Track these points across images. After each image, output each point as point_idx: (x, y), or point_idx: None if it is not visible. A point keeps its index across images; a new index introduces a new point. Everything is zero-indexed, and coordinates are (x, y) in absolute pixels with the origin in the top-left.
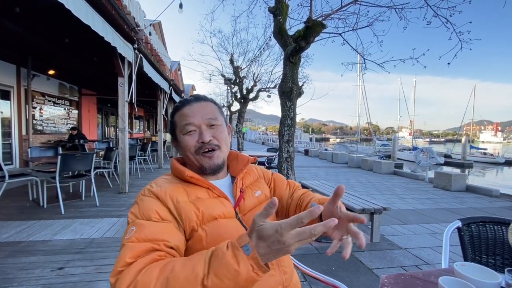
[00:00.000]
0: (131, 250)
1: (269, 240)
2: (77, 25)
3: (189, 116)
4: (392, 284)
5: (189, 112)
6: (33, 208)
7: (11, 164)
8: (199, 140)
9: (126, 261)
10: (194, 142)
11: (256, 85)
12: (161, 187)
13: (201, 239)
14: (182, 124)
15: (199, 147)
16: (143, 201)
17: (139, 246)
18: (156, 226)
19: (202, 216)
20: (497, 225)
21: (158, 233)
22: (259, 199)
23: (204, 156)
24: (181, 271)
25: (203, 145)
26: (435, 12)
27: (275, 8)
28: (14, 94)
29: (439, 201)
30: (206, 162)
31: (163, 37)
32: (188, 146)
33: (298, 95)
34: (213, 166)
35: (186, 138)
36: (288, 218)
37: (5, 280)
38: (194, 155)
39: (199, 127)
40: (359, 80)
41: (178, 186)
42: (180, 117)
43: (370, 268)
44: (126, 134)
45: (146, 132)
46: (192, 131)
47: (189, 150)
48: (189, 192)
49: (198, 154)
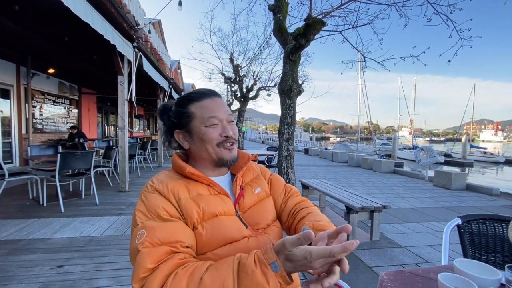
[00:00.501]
0: (149, 256)
1: (297, 264)
2: (76, 23)
3: (213, 109)
4: (391, 280)
5: (212, 105)
6: (33, 207)
7: (11, 163)
8: (223, 134)
9: (148, 267)
10: (217, 135)
11: (256, 83)
12: (162, 183)
13: (201, 235)
14: (206, 116)
15: (222, 141)
16: (148, 199)
17: (156, 250)
18: (167, 226)
19: (202, 213)
20: (497, 222)
21: (171, 235)
22: (259, 196)
23: (225, 148)
24: (211, 284)
25: (227, 139)
26: (436, 10)
27: (275, 6)
28: (14, 93)
29: (439, 200)
30: (227, 154)
31: (163, 35)
32: (212, 138)
33: (298, 93)
34: (233, 158)
35: (210, 130)
36: (320, 248)
37: (5, 278)
38: (215, 147)
39: (221, 121)
40: (359, 79)
41: (179, 182)
42: (201, 109)
43: (370, 266)
44: (126, 133)
45: (146, 131)
46: (215, 124)
47: (211, 142)
48: (190, 188)
49: (219, 147)
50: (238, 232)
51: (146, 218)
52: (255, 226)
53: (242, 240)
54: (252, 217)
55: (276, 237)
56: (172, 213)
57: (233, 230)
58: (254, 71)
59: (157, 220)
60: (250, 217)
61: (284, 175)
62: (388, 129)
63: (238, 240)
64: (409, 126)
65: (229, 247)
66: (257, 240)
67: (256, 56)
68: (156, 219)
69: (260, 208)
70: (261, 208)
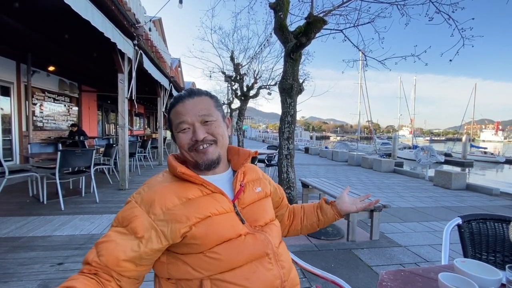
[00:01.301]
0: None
1: None
2: (76, 21)
3: (181, 114)
4: (391, 280)
5: (182, 109)
6: (33, 204)
7: (11, 160)
8: (193, 138)
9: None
10: (188, 140)
11: (256, 82)
12: (150, 192)
13: (194, 237)
14: (176, 122)
15: (193, 145)
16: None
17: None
18: (114, 238)
19: (193, 219)
20: (497, 222)
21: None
22: (259, 195)
23: (199, 152)
24: None
25: (197, 143)
26: (437, 8)
27: (276, 4)
28: (14, 91)
29: (439, 199)
30: (200, 158)
31: (163, 33)
32: (182, 143)
33: (298, 92)
34: (207, 162)
35: (180, 135)
36: None
37: (5, 275)
38: (188, 152)
39: (192, 124)
40: (360, 78)
41: (169, 189)
42: (174, 115)
43: (369, 265)
44: (126, 131)
45: (146, 129)
46: (186, 128)
47: (183, 147)
48: (180, 194)
49: (191, 151)
50: (233, 230)
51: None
52: (253, 223)
53: (239, 238)
54: (251, 213)
55: (274, 236)
56: (141, 229)
57: (227, 229)
58: (255, 70)
59: (118, 229)
60: (248, 214)
61: (284, 174)
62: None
63: (234, 237)
64: (409, 126)
65: (225, 245)
66: (254, 238)
67: (256, 54)
68: (119, 228)
69: (259, 206)
70: (260, 207)
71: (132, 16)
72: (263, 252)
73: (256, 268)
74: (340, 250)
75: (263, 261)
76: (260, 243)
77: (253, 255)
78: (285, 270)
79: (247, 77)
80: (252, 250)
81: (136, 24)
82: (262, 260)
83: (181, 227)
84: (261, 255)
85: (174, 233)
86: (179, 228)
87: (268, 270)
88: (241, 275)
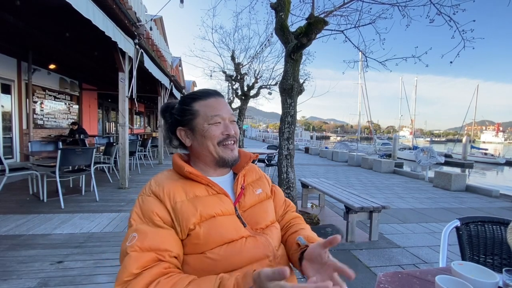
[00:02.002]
0: (136, 260)
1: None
2: (77, 19)
3: (217, 108)
4: (389, 282)
5: (216, 104)
6: (33, 202)
7: (11, 158)
8: (225, 132)
9: (133, 272)
10: (219, 133)
11: (257, 82)
12: (159, 186)
13: (198, 236)
14: (210, 114)
15: (223, 139)
16: (144, 202)
17: (144, 256)
18: (159, 233)
19: (199, 215)
20: (496, 225)
21: (161, 242)
22: (260, 197)
23: (227, 147)
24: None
25: (228, 137)
26: (439, 10)
27: (277, 4)
28: (14, 88)
29: (438, 201)
30: (229, 154)
31: (164, 32)
32: (214, 135)
33: (299, 92)
34: (234, 158)
35: (213, 128)
36: (295, 286)
37: (5, 272)
38: (216, 146)
39: (224, 120)
40: (360, 78)
41: (176, 184)
42: (206, 107)
43: (368, 266)
44: (126, 130)
45: (146, 128)
46: (218, 122)
47: (212, 139)
48: (187, 190)
49: (220, 146)
50: (235, 232)
51: (140, 222)
52: (254, 226)
53: (240, 240)
54: (252, 216)
55: (275, 238)
56: (165, 219)
57: (230, 230)
58: (255, 69)
59: (150, 225)
60: (249, 217)
61: (284, 174)
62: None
63: (236, 240)
64: (410, 126)
65: (226, 247)
66: (255, 240)
67: (257, 54)
68: (150, 223)
69: (260, 208)
70: (261, 209)
71: (133, 15)
72: (263, 255)
73: None
74: (339, 250)
75: (263, 263)
76: (261, 245)
77: (254, 258)
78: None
79: (248, 77)
80: (253, 252)
81: (137, 23)
82: (262, 262)
83: (187, 222)
84: (261, 257)
85: (181, 227)
86: (186, 223)
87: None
88: None
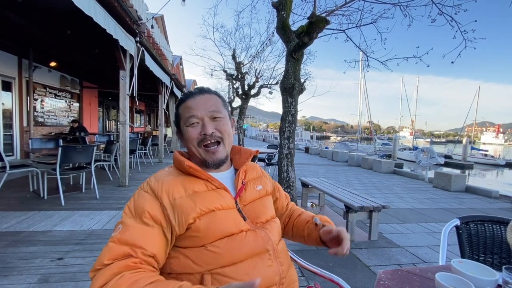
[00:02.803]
0: (110, 252)
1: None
2: (79, 17)
3: (192, 108)
4: (389, 279)
5: (192, 104)
6: (33, 199)
7: (12, 155)
8: (202, 132)
9: (104, 262)
10: (197, 134)
11: (258, 81)
12: (158, 182)
13: (198, 230)
14: (186, 116)
15: (202, 139)
16: (139, 197)
17: (118, 249)
18: (141, 230)
19: (199, 209)
20: (495, 224)
21: (138, 239)
22: (260, 193)
23: (208, 151)
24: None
25: (205, 137)
26: (440, 10)
27: (279, 3)
28: (15, 86)
29: (438, 201)
30: (210, 157)
31: (165, 31)
32: (191, 138)
33: (300, 91)
34: (216, 161)
35: (189, 130)
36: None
37: (5, 269)
38: (197, 147)
39: (201, 119)
40: (360, 78)
41: (176, 181)
42: (184, 109)
43: (367, 265)
44: (127, 127)
45: (147, 126)
46: (195, 123)
47: (191, 142)
48: (186, 186)
49: (200, 147)
50: (235, 226)
51: (130, 215)
52: (255, 220)
53: (240, 234)
54: (252, 210)
55: (275, 233)
56: (156, 217)
57: (229, 224)
58: (256, 69)
59: (138, 221)
60: (250, 211)
61: (284, 173)
62: (389, 130)
63: (236, 233)
64: (410, 127)
65: (226, 240)
66: (255, 234)
67: (258, 53)
68: (137, 219)
69: (260, 203)
70: (261, 204)
71: (134, 13)
72: (263, 248)
73: (256, 264)
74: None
75: (263, 257)
76: (260, 239)
77: (254, 251)
78: (284, 267)
79: (249, 76)
80: (253, 246)
81: (138, 21)
82: (262, 256)
83: (187, 217)
84: (261, 251)
85: (180, 223)
86: (185, 218)
87: (268, 266)
88: (242, 270)
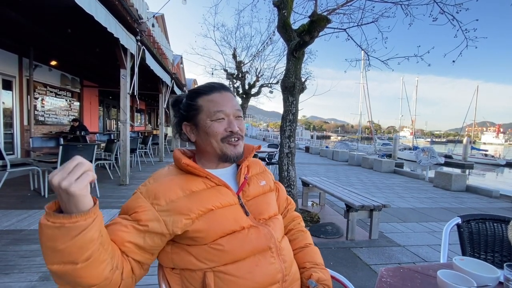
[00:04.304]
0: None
1: None
2: (80, 15)
3: (220, 104)
4: (391, 276)
5: (220, 99)
6: (34, 198)
7: (12, 154)
8: (228, 129)
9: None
10: (222, 130)
11: (258, 80)
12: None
13: (198, 230)
14: (213, 110)
15: (227, 136)
16: (133, 198)
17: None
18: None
19: (196, 210)
20: (496, 222)
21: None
22: (264, 189)
23: (230, 144)
24: None
25: (232, 134)
26: (442, 9)
27: (280, 2)
28: (16, 84)
29: (438, 201)
30: (231, 151)
31: (165, 30)
32: (217, 132)
33: (300, 90)
34: (237, 154)
35: (216, 124)
36: None
37: (6, 267)
38: (220, 142)
39: (228, 116)
40: (361, 78)
41: (173, 182)
42: (209, 103)
43: (368, 264)
44: (128, 126)
45: (147, 125)
46: (221, 118)
47: (215, 136)
48: (184, 186)
49: (223, 142)
50: (235, 222)
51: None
52: (258, 216)
53: (242, 231)
54: (256, 206)
55: (277, 230)
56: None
57: (229, 221)
58: (257, 68)
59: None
60: (253, 206)
61: (284, 172)
62: (390, 129)
63: (237, 230)
64: (410, 127)
65: (229, 237)
66: (258, 231)
67: (259, 52)
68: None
69: (263, 199)
70: (264, 200)
71: (135, 12)
72: (266, 246)
73: (259, 261)
74: (339, 248)
75: (266, 254)
76: (263, 236)
77: (256, 249)
78: (286, 264)
79: (249, 75)
80: (255, 243)
81: (139, 19)
82: (265, 253)
83: (183, 219)
84: (264, 248)
85: (176, 224)
86: (181, 219)
87: (271, 263)
88: (244, 268)
